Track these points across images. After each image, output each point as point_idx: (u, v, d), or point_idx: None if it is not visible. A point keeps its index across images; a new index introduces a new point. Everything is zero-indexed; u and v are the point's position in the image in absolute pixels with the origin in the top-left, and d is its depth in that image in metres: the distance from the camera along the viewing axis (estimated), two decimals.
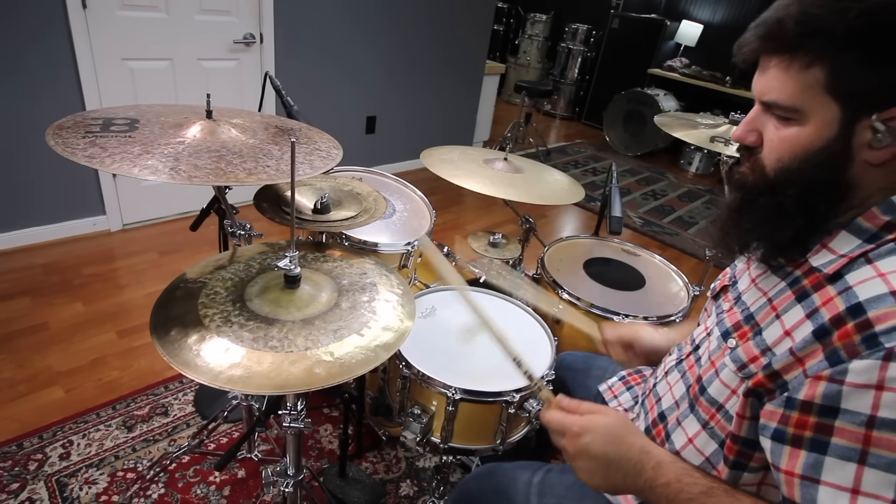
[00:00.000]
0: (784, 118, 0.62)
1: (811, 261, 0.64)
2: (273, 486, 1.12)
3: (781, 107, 0.62)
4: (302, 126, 1.32)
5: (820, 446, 0.56)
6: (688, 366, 0.82)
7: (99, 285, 2.33)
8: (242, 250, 1.07)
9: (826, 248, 0.63)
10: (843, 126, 0.58)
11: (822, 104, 0.59)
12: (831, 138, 0.59)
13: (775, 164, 0.64)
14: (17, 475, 1.49)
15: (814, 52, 0.57)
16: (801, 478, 0.57)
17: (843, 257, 0.61)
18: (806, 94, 0.59)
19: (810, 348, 0.58)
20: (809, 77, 0.58)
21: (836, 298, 0.58)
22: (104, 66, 2.45)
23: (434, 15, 3.71)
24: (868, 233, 0.60)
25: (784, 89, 0.61)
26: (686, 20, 5.60)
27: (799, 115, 0.61)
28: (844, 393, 0.54)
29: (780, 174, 0.64)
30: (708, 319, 0.85)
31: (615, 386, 1.14)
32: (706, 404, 0.73)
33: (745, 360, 0.67)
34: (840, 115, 0.58)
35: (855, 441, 0.54)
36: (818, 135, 0.60)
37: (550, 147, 5.23)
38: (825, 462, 0.56)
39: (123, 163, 0.91)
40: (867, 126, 0.57)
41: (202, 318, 0.84)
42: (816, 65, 0.58)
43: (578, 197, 1.62)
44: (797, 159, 0.62)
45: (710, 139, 2.00)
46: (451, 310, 1.40)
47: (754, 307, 0.71)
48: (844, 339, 0.55)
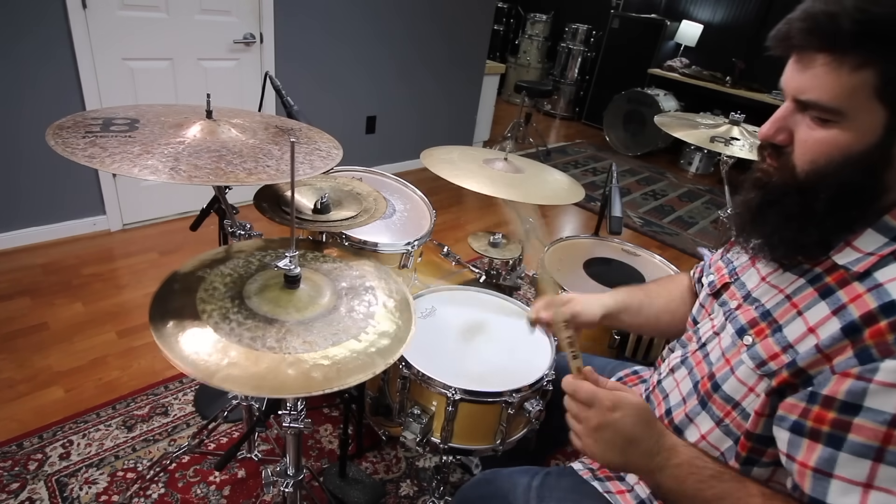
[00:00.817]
0: (822, 119, 0.59)
1: (835, 258, 0.63)
2: (273, 486, 1.12)
3: (822, 107, 0.58)
4: (302, 126, 1.32)
5: (836, 442, 0.57)
6: (695, 362, 0.82)
7: (99, 285, 2.33)
8: (240, 245, 1.06)
9: (850, 247, 0.61)
10: (887, 132, 0.56)
11: (868, 109, 0.56)
12: (873, 144, 0.57)
13: (807, 166, 0.61)
14: (17, 475, 1.49)
15: (868, 53, 0.54)
16: (814, 470, 0.58)
17: (873, 255, 0.60)
18: (853, 97, 0.56)
19: (839, 345, 0.58)
20: (858, 79, 0.55)
21: (866, 296, 0.57)
22: (104, 66, 2.45)
23: (434, 15, 3.71)
24: (895, 231, 0.59)
25: (829, 90, 0.57)
26: (686, 20, 5.60)
27: (840, 117, 0.58)
28: (871, 391, 0.54)
29: (811, 176, 0.61)
30: (710, 317, 0.84)
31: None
32: (720, 401, 0.73)
33: (764, 357, 0.66)
34: (886, 121, 0.56)
35: (874, 439, 0.54)
36: (859, 139, 0.57)
37: (550, 147, 5.23)
38: (839, 457, 0.56)
39: (123, 163, 0.91)
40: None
41: (200, 313, 0.84)
42: (869, 67, 0.54)
43: (578, 197, 1.62)
44: (833, 163, 0.59)
45: (710, 139, 2.00)
46: (451, 310, 1.40)
47: (770, 304, 0.70)
48: (877, 338, 0.55)
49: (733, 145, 1.97)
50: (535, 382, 1.18)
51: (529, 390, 1.17)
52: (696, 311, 0.90)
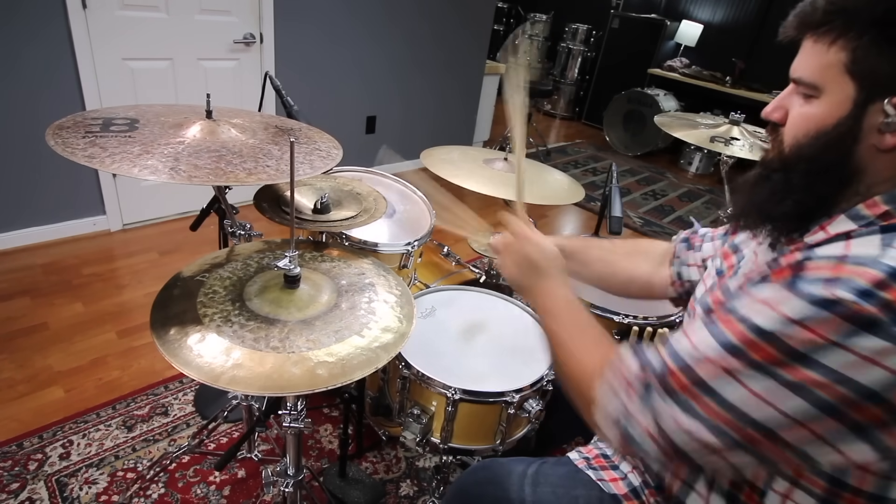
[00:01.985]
0: (807, 95, 0.65)
1: (806, 239, 0.66)
2: (273, 486, 1.12)
3: (804, 83, 0.64)
4: (302, 126, 1.32)
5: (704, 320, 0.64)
6: None
7: (99, 285, 2.33)
8: (240, 248, 1.07)
9: (823, 230, 0.65)
10: (855, 106, 0.60)
11: (840, 83, 0.61)
12: (843, 117, 0.61)
13: (791, 141, 0.67)
14: (17, 475, 1.49)
15: (837, 30, 0.60)
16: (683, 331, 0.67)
17: (831, 235, 0.63)
18: (827, 72, 0.62)
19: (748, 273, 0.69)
20: (832, 55, 0.61)
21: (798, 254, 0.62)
22: (104, 66, 2.45)
23: (434, 15, 3.71)
24: (865, 219, 0.62)
25: (809, 66, 0.64)
26: (686, 20, 5.60)
27: (818, 91, 0.63)
28: (742, 300, 0.61)
29: (793, 150, 0.66)
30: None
31: None
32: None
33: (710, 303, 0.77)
34: (854, 95, 0.60)
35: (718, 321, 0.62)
36: (831, 112, 0.62)
37: (550, 147, 5.23)
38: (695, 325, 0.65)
39: (123, 163, 0.91)
40: (879, 109, 0.59)
41: (202, 317, 0.84)
42: (839, 43, 0.60)
43: (578, 197, 1.62)
44: (808, 136, 0.64)
45: (710, 139, 2.00)
46: (451, 310, 1.40)
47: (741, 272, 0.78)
48: (777, 275, 0.60)
49: (733, 145, 1.97)
50: (535, 382, 1.18)
51: (529, 390, 1.17)
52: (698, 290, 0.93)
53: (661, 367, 0.64)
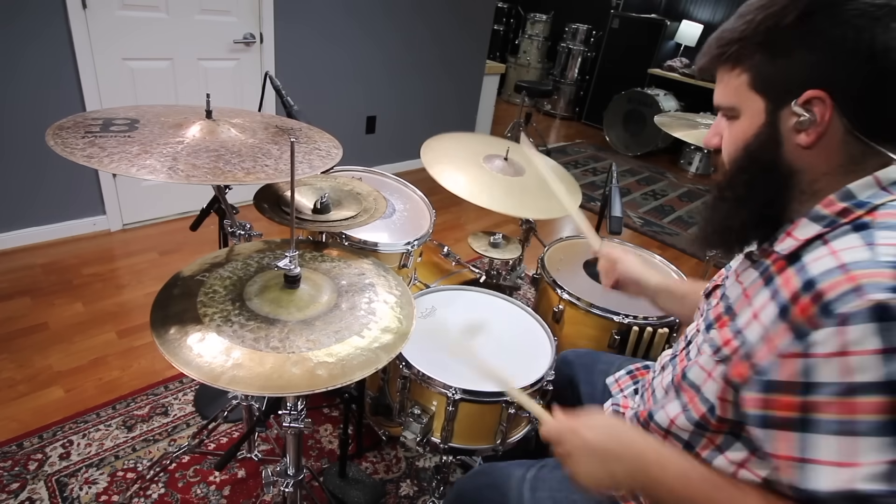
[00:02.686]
0: (730, 117, 0.72)
1: (776, 248, 0.68)
2: (273, 486, 1.12)
3: (724, 107, 0.72)
4: (302, 126, 1.32)
5: (806, 425, 0.57)
6: (679, 360, 0.86)
7: (99, 285, 2.33)
8: (240, 248, 1.06)
9: (790, 236, 0.67)
10: (768, 114, 0.67)
11: (751, 99, 0.68)
12: (761, 126, 0.68)
13: (728, 159, 0.73)
14: (17, 475, 1.49)
15: (734, 58, 0.69)
16: (795, 460, 0.58)
17: (801, 241, 0.65)
18: (738, 94, 0.69)
19: (777, 328, 0.61)
20: (736, 79, 0.69)
21: (794, 277, 0.62)
22: (104, 66, 2.45)
23: (434, 15, 3.71)
24: (826, 219, 0.64)
25: (724, 93, 0.71)
26: (686, 20, 5.60)
27: (737, 111, 0.70)
28: (815, 365, 0.56)
29: (731, 166, 0.72)
30: (701, 317, 0.87)
31: (622, 379, 1.14)
32: (687, 387, 0.78)
33: (719, 343, 0.72)
34: (764, 106, 0.67)
35: (839, 412, 0.54)
36: (750, 125, 0.69)
37: (550, 147, 5.23)
38: (815, 440, 0.56)
39: (122, 162, 0.91)
40: (789, 112, 0.64)
41: (202, 316, 0.84)
42: (738, 68, 0.68)
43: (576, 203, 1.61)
44: (738, 149, 0.71)
45: None
46: (451, 310, 1.40)
47: (733, 298, 0.75)
48: (804, 314, 0.58)
49: None
50: (535, 382, 1.18)
51: (530, 390, 1.17)
52: (696, 315, 0.93)
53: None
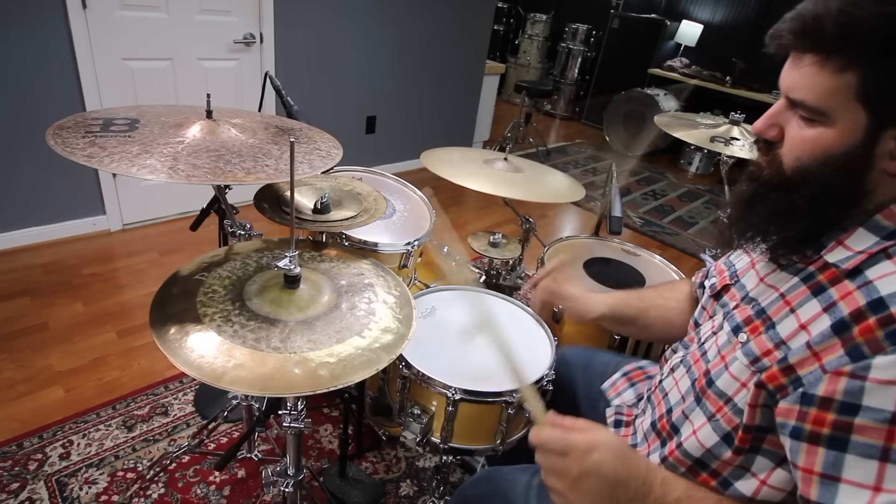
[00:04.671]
0: (808, 119, 0.61)
1: (826, 257, 0.63)
2: (273, 486, 1.12)
3: (808, 107, 0.60)
4: (302, 126, 1.32)
5: (840, 444, 0.55)
6: (693, 360, 0.82)
7: (99, 285, 2.33)
8: (238, 247, 1.06)
9: (842, 245, 0.62)
10: (868, 134, 0.57)
11: (851, 110, 0.57)
12: (854, 145, 0.58)
13: (793, 163, 0.63)
14: (17, 475, 1.49)
15: (850, 55, 0.56)
16: (821, 476, 0.56)
17: (862, 253, 0.60)
18: (835, 98, 0.58)
19: (828, 343, 0.58)
20: (841, 81, 0.57)
21: (856, 293, 0.57)
22: (104, 66, 2.45)
23: (434, 15, 3.70)
24: (886, 230, 0.60)
25: (814, 89, 0.59)
26: (686, 20, 5.60)
27: (825, 117, 0.59)
28: (867, 389, 0.53)
29: (797, 173, 0.63)
30: (711, 318, 0.85)
31: (618, 382, 1.14)
32: (714, 397, 0.73)
33: (758, 353, 0.66)
34: (867, 123, 0.57)
35: (877, 438, 0.53)
36: (841, 140, 0.59)
37: (550, 147, 5.23)
38: (846, 460, 0.55)
39: (122, 162, 0.91)
40: (892, 136, 0.57)
41: (202, 316, 0.84)
42: (851, 69, 0.56)
43: (578, 197, 1.62)
44: (816, 161, 0.61)
45: (710, 139, 2.00)
46: (451, 310, 1.40)
47: (765, 303, 0.70)
48: (867, 335, 0.55)
49: (733, 145, 1.96)
50: (535, 382, 1.18)
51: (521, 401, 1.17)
52: (698, 314, 0.90)
53: None
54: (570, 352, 1.32)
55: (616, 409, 1.06)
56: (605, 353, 1.27)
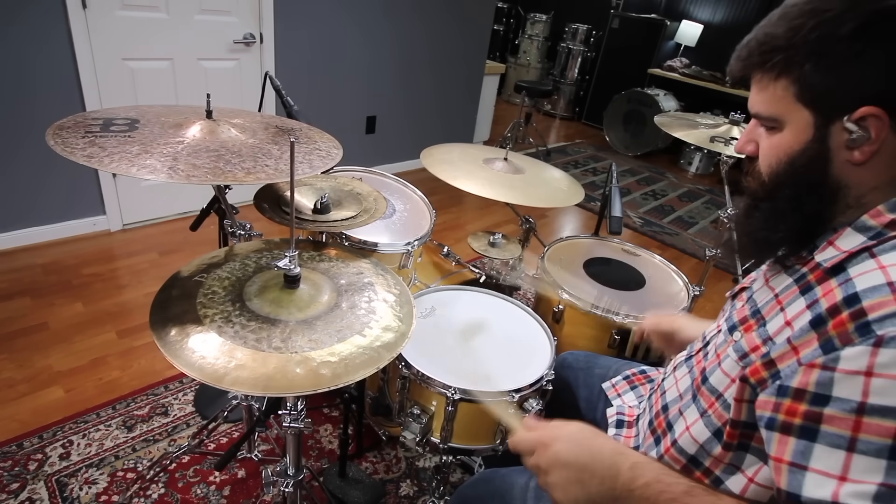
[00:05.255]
0: (770, 127, 0.69)
1: (817, 257, 0.66)
2: (273, 486, 1.12)
3: (763, 117, 0.68)
4: (302, 126, 1.32)
5: (810, 433, 0.57)
6: (696, 361, 0.84)
7: (99, 285, 2.33)
8: (237, 248, 1.06)
9: (832, 246, 0.64)
10: (817, 129, 0.63)
11: (796, 111, 0.64)
12: (808, 142, 0.64)
13: (767, 170, 0.69)
14: (17, 475, 1.49)
15: (779, 66, 0.63)
16: (790, 464, 0.58)
17: (845, 252, 0.62)
18: (780, 104, 0.65)
19: (806, 337, 0.60)
20: (780, 89, 0.64)
21: (836, 289, 0.59)
22: (104, 66, 2.45)
23: (434, 15, 3.71)
24: (873, 230, 0.61)
25: (763, 101, 0.67)
26: (686, 20, 5.60)
27: (779, 123, 0.66)
28: (836, 380, 0.55)
29: (772, 178, 0.69)
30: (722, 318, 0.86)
31: (619, 384, 1.14)
32: (707, 393, 0.76)
33: (746, 349, 0.69)
34: (813, 120, 0.63)
35: (845, 428, 0.54)
36: (796, 139, 0.65)
37: (550, 147, 5.23)
38: (814, 449, 0.56)
39: (122, 162, 0.91)
40: (840, 128, 0.61)
41: (202, 317, 0.84)
42: (783, 77, 0.63)
43: (578, 197, 1.62)
44: (782, 163, 0.67)
45: (710, 139, 2.00)
46: (451, 310, 1.40)
47: (762, 302, 0.73)
48: (839, 328, 0.57)
49: (733, 145, 1.96)
50: (534, 382, 1.18)
51: (529, 390, 1.17)
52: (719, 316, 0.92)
53: None
54: (572, 356, 1.32)
55: (618, 408, 1.06)
56: (607, 358, 1.28)
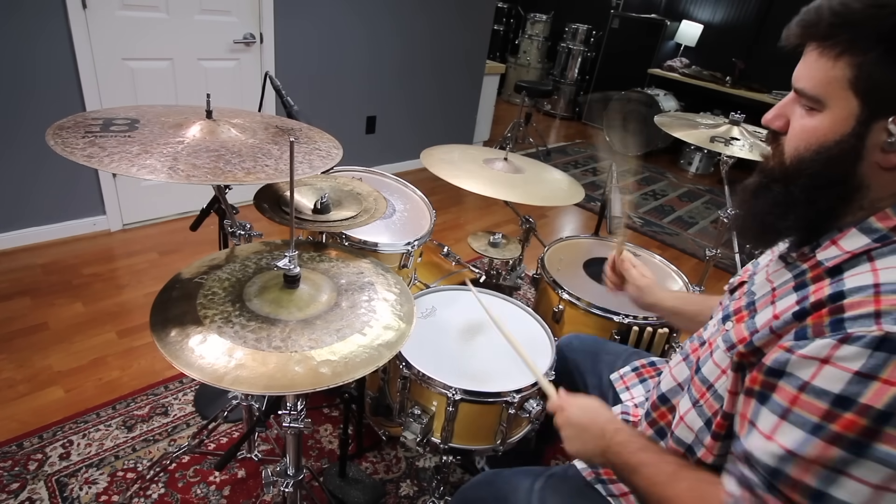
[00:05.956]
0: (809, 107, 0.63)
1: (818, 255, 0.65)
2: (273, 486, 1.12)
3: (807, 95, 0.63)
4: (302, 126, 1.32)
5: (762, 398, 0.63)
6: (691, 349, 0.86)
7: (99, 285, 2.33)
8: (239, 249, 1.06)
9: (835, 245, 0.63)
10: (859, 123, 0.59)
11: (843, 98, 0.59)
12: (846, 134, 0.59)
13: (792, 153, 0.65)
14: (17, 475, 1.49)
15: (843, 44, 0.58)
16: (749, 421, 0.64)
17: (847, 253, 0.61)
18: (830, 86, 0.60)
19: (787, 327, 0.62)
20: (836, 69, 0.59)
21: (827, 287, 0.60)
22: (104, 66, 2.45)
23: (434, 15, 3.71)
24: (878, 233, 0.60)
25: (812, 77, 0.61)
26: (686, 20, 5.60)
27: (821, 105, 0.61)
28: (792, 361, 0.59)
29: (794, 163, 0.65)
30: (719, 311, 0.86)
31: (627, 377, 1.13)
32: (699, 383, 0.77)
33: (734, 340, 0.70)
34: (858, 113, 0.58)
35: (785, 399, 0.59)
36: (834, 129, 0.60)
37: (550, 147, 5.23)
38: (762, 411, 0.62)
39: (122, 162, 0.91)
40: (883, 128, 0.57)
41: (202, 318, 0.84)
42: (844, 58, 0.58)
43: (578, 197, 1.62)
44: (810, 150, 0.63)
45: (710, 139, 2.00)
46: (451, 310, 1.40)
47: (758, 295, 0.73)
48: (816, 320, 0.59)
49: (733, 145, 1.96)
50: (535, 382, 1.18)
51: (530, 390, 1.17)
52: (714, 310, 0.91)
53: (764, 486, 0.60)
54: (578, 339, 1.31)
55: (622, 407, 1.06)
56: (614, 345, 1.27)
